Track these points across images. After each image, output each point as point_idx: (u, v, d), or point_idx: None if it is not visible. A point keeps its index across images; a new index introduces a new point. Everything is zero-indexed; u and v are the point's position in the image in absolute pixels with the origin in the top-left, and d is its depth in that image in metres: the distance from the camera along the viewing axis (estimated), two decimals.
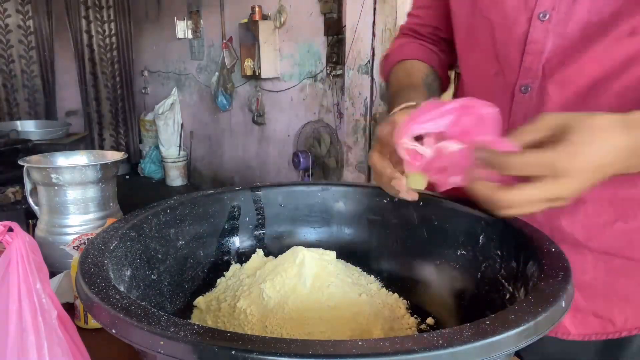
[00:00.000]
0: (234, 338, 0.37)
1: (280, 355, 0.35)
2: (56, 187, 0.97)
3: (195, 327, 0.38)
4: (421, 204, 0.73)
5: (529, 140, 0.49)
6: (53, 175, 0.95)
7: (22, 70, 4.65)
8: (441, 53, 0.86)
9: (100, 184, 1.00)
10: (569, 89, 0.64)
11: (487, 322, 0.39)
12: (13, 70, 4.61)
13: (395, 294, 0.71)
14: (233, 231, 0.76)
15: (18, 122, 3.91)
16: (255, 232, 0.77)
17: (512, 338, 0.38)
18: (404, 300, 0.70)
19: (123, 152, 1.09)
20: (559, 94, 0.64)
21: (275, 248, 0.77)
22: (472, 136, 0.51)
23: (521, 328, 0.39)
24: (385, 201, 0.76)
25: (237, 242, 0.76)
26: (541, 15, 0.63)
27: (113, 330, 0.39)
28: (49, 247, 0.98)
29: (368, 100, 2.76)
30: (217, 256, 0.74)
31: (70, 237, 0.92)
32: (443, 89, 0.86)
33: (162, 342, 0.37)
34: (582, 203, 0.66)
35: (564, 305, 0.44)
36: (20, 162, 1.00)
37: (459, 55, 0.79)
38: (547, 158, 0.46)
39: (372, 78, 2.70)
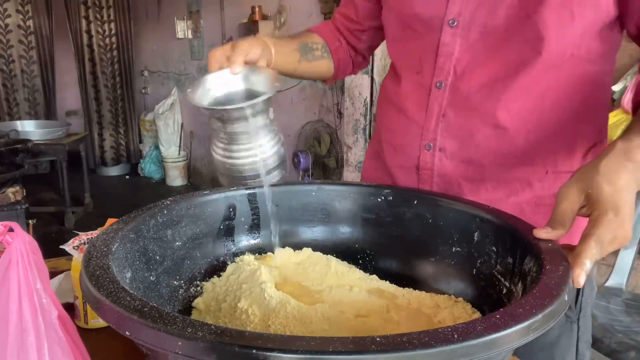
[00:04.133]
0: (254, 337, 0.37)
1: (302, 353, 0.35)
2: None
3: (213, 327, 0.38)
4: (415, 202, 0.74)
5: (572, 218, 0.56)
6: None
7: (22, 70, 4.66)
8: (353, 42, 0.98)
9: None
10: (476, 85, 0.75)
11: (497, 317, 0.40)
12: (13, 70, 4.61)
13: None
14: (229, 231, 0.76)
15: (18, 122, 3.92)
16: (250, 232, 0.77)
17: (521, 331, 0.40)
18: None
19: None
20: (467, 89, 0.76)
21: (270, 248, 0.78)
22: None
23: (530, 321, 0.40)
24: (379, 200, 0.77)
25: (233, 242, 0.76)
26: (450, 22, 0.75)
27: (127, 333, 0.39)
28: None
29: (368, 100, 2.76)
30: (213, 256, 0.74)
31: None
32: (340, 69, 1.00)
33: (180, 343, 0.37)
34: (483, 182, 0.79)
35: (566, 299, 0.45)
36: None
37: (390, 55, 0.90)
38: (599, 237, 0.52)
39: (372, 78, 2.70)
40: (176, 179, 4.90)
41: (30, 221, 1.95)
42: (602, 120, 0.80)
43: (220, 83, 0.76)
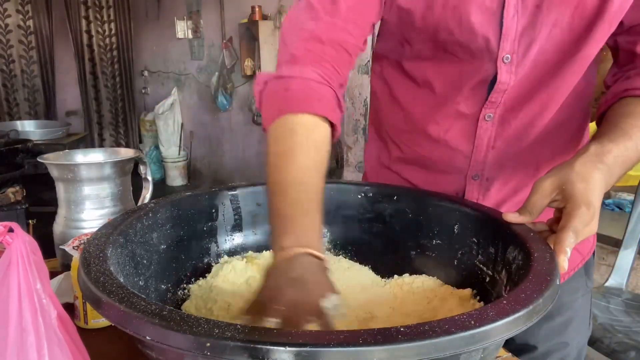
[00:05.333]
0: (284, 334, 0.38)
1: (334, 346, 0.36)
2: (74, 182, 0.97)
3: (239, 326, 0.38)
4: (395, 197, 0.77)
5: (541, 209, 0.62)
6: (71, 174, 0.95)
7: (22, 70, 4.65)
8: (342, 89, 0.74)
9: (116, 179, 1.01)
10: (526, 118, 0.76)
11: (504, 302, 0.43)
12: (13, 70, 4.61)
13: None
14: (212, 233, 0.76)
15: (18, 122, 3.92)
16: (233, 233, 0.77)
17: (527, 315, 0.42)
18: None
19: (135, 150, 1.10)
20: (517, 121, 0.76)
21: (253, 247, 0.78)
22: None
23: (534, 305, 0.43)
24: (359, 196, 0.79)
25: (216, 243, 0.76)
26: (505, 58, 0.71)
27: (148, 337, 0.39)
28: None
29: (368, 100, 2.76)
30: (197, 259, 0.74)
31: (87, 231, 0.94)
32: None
33: (208, 344, 0.37)
34: (520, 200, 0.79)
35: (558, 283, 0.49)
36: (39, 159, 1.00)
37: (420, 77, 0.78)
38: (576, 229, 0.57)
39: None
40: (176, 179, 4.90)
41: (30, 221, 1.95)
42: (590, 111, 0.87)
43: None
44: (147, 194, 1.08)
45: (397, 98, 0.83)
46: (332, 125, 0.67)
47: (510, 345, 0.84)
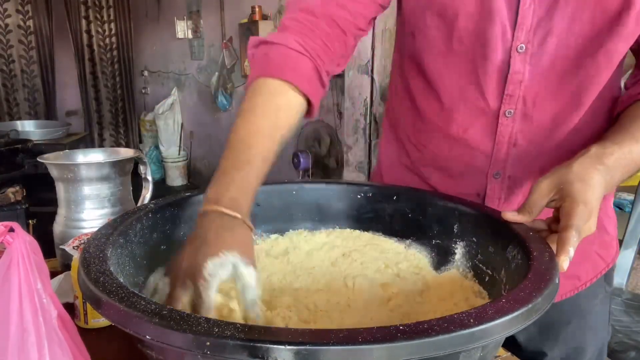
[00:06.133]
0: (282, 332, 0.38)
1: (333, 345, 0.36)
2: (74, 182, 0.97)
3: (239, 325, 0.38)
4: (395, 197, 0.77)
5: (540, 209, 0.62)
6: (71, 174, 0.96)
7: (22, 70, 4.65)
8: (331, 73, 0.74)
9: (116, 179, 1.00)
10: (549, 115, 0.74)
11: (503, 301, 0.43)
12: (13, 70, 4.60)
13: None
14: None
15: (18, 122, 3.92)
16: None
17: (526, 314, 0.43)
18: None
19: (135, 150, 1.10)
20: (540, 118, 0.75)
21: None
22: None
23: (532, 303, 0.43)
24: (359, 197, 0.79)
25: None
26: (519, 47, 0.71)
27: (148, 337, 0.39)
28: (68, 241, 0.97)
29: (368, 100, 2.76)
30: None
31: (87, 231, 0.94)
32: (315, 107, 0.74)
33: (208, 343, 0.37)
34: (516, 196, 0.81)
35: (557, 282, 0.49)
36: (39, 159, 0.99)
37: (431, 73, 0.78)
38: (578, 227, 0.56)
39: (372, 78, 2.70)
40: (176, 179, 4.89)
41: (30, 221, 1.95)
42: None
43: None
44: (147, 194, 1.08)
45: (413, 96, 0.83)
46: (307, 99, 0.68)
47: (525, 350, 0.84)
